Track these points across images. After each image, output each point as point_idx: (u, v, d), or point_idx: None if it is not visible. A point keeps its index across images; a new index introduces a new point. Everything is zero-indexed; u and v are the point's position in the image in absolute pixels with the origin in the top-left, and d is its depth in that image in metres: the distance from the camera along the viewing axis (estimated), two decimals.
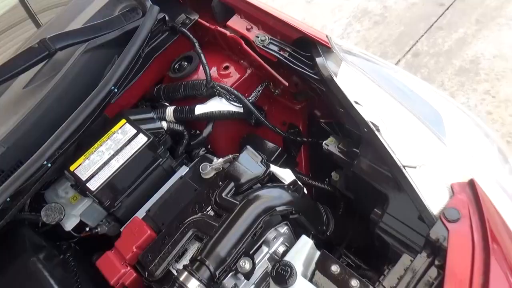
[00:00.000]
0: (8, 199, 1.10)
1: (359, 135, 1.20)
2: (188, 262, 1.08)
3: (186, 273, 1.04)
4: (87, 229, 1.41)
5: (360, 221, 1.41)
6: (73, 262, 1.28)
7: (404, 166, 1.06)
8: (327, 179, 1.48)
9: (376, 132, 1.09)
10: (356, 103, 1.14)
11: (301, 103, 1.50)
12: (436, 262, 0.98)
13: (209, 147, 1.51)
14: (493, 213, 0.98)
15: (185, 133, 1.41)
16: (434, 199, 1.03)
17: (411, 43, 3.18)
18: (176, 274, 1.10)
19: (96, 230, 1.42)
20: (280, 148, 1.44)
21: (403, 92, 1.19)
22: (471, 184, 1.01)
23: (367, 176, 1.16)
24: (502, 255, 0.90)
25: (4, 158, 1.15)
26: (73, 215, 1.36)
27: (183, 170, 1.37)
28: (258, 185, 1.22)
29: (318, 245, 1.13)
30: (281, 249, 1.17)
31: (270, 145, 1.45)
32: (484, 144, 1.18)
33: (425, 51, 3.11)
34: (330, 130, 1.50)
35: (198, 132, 1.46)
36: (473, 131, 1.21)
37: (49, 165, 1.15)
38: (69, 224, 1.36)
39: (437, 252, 0.98)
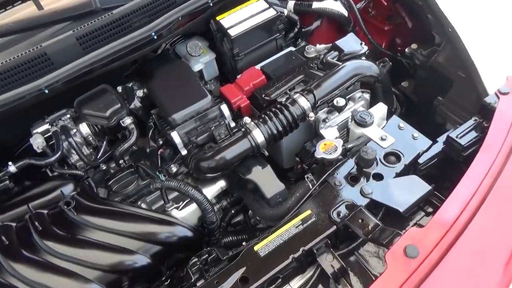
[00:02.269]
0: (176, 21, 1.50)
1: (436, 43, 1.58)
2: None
3: (298, 94, 1.42)
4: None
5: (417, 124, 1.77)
6: None
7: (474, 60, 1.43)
8: None
9: (458, 32, 1.46)
10: None
11: (390, 25, 1.88)
12: (484, 124, 1.33)
13: None
14: None
15: (298, 22, 1.80)
16: (493, 85, 1.39)
17: None
18: None
19: (207, 86, 1.82)
20: (368, 50, 1.82)
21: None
22: None
23: (440, 67, 1.53)
24: None
25: None
26: (200, 61, 1.76)
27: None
28: None
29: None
30: (361, 109, 1.54)
31: None
32: None
33: None
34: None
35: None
36: None
37: (211, 4, 1.55)
38: (197, 67, 1.75)
39: (487, 116, 1.33)
